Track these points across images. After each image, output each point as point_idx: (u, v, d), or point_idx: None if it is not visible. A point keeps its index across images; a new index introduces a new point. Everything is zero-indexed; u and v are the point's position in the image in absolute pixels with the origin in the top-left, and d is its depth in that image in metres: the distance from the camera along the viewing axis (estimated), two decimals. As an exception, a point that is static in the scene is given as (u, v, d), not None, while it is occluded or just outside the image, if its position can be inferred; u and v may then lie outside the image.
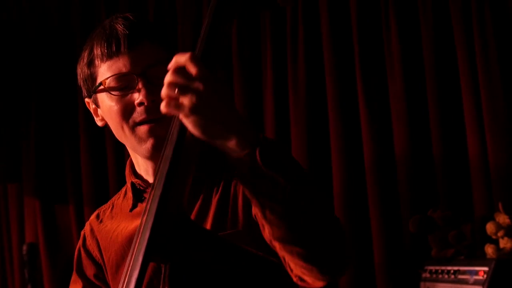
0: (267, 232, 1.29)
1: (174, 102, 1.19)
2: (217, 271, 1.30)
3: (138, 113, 1.52)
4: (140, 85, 1.51)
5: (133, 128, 1.54)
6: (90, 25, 3.78)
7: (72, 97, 3.74)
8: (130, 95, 1.53)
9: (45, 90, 3.86)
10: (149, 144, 1.53)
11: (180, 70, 1.20)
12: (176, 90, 1.19)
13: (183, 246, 1.26)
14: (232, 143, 1.21)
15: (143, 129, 1.53)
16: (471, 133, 2.90)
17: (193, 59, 1.20)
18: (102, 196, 3.63)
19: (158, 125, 1.50)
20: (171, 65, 1.23)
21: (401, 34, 3.06)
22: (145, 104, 1.51)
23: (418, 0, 3.04)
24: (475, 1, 2.90)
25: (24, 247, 3.83)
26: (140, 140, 1.54)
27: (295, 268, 1.30)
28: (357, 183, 3.12)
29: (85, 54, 1.58)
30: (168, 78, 1.21)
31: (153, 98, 1.49)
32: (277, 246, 1.29)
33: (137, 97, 1.51)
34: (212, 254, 1.29)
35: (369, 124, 3.09)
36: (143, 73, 1.51)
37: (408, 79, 3.04)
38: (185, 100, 1.18)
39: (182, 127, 1.24)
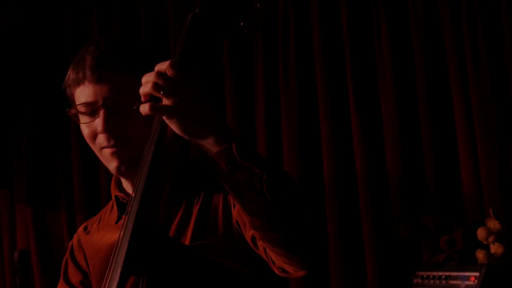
0: (248, 225, 1.38)
1: (156, 104, 1.30)
2: (192, 284, 1.36)
3: (101, 140, 1.61)
4: (100, 115, 1.59)
5: (99, 151, 1.63)
6: (82, 32, 3.78)
7: (63, 104, 3.72)
8: (95, 121, 1.61)
9: (36, 97, 3.85)
10: (113, 165, 1.61)
11: (162, 74, 1.30)
12: (151, 88, 1.29)
13: (159, 260, 1.32)
14: (211, 140, 1.31)
15: (106, 152, 1.62)
16: (462, 139, 2.91)
17: (173, 65, 1.30)
18: (93, 203, 3.62)
19: (121, 149, 1.60)
20: (154, 71, 1.32)
21: (392, 43, 3.07)
22: (103, 134, 1.59)
23: (409, 11, 3.05)
24: (465, 10, 2.91)
25: (16, 254, 3.83)
26: (107, 161, 1.63)
27: (277, 259, 1.38)
28: (348, 189, 3.13)
29: (68, 74, 1.67)
30: (151, 78, 1.30)
31: (112, 128, 1.58)
32: (258, 236, 1.39)
33: (98, 125, 1.60)
34: (188, 267, 1.36)
35: (361, 132, 3.09)
36: (104, 103, 1.58)
37: (399, 86, 3.05)
38: (169, 102, 1.28)
39: (157, 146, 1.34)
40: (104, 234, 1.74)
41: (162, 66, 1.31)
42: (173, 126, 1.30)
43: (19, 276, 3.88)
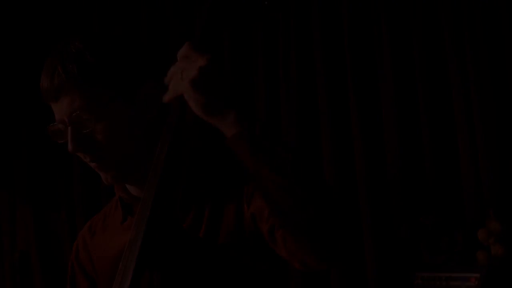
0: (268, 214, 1.31)
1: (176, 80, 1.25)
2: (209, 279, 1.32)
3: (81, 156, 1.53)
4: (68, 134, 1.50)
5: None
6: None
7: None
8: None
9: (36, 97, 3.84)
10: (102, 177, 1.54)
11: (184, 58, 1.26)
12: (181, 71, 1.25)
13: (175, 254, 1.28)
14: (231, 119, 1.25)
15: (91, 166, 1.54)
16: (462, 139, 2.91)
17: (192, 44, 1.26)
18: (94, 203, 3.62)
19: (102, 162, 1.52)
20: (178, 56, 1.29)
21: (393, 43, 3.07)
22: (72, 153, 1.51)
23: (410, 11, 3.04)
24: (466, 10, 2.91)
25: (16, 255, 3.84)
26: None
27: (298, 250, 1.29)
28: (348, 189, 3.12)
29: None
30: (175, 65, 1.27)
31: (84, 145, 1.49)
32: (279, 223, 1.30)
33: (68, 146, 1.51)
34: (203, 262, 1.31)
35: (361, 132, 3.09)
36: (69, 120, 1.50)
37: (399, 86, 3.05)
38: (187, 75, 1.23)
39: (175, 135, 1.28)
40: (111, 236, 1.66)
41: (182, 51, 1.27)
42: (191, 103, 1.24)
43: (19, 276, 3.88)
